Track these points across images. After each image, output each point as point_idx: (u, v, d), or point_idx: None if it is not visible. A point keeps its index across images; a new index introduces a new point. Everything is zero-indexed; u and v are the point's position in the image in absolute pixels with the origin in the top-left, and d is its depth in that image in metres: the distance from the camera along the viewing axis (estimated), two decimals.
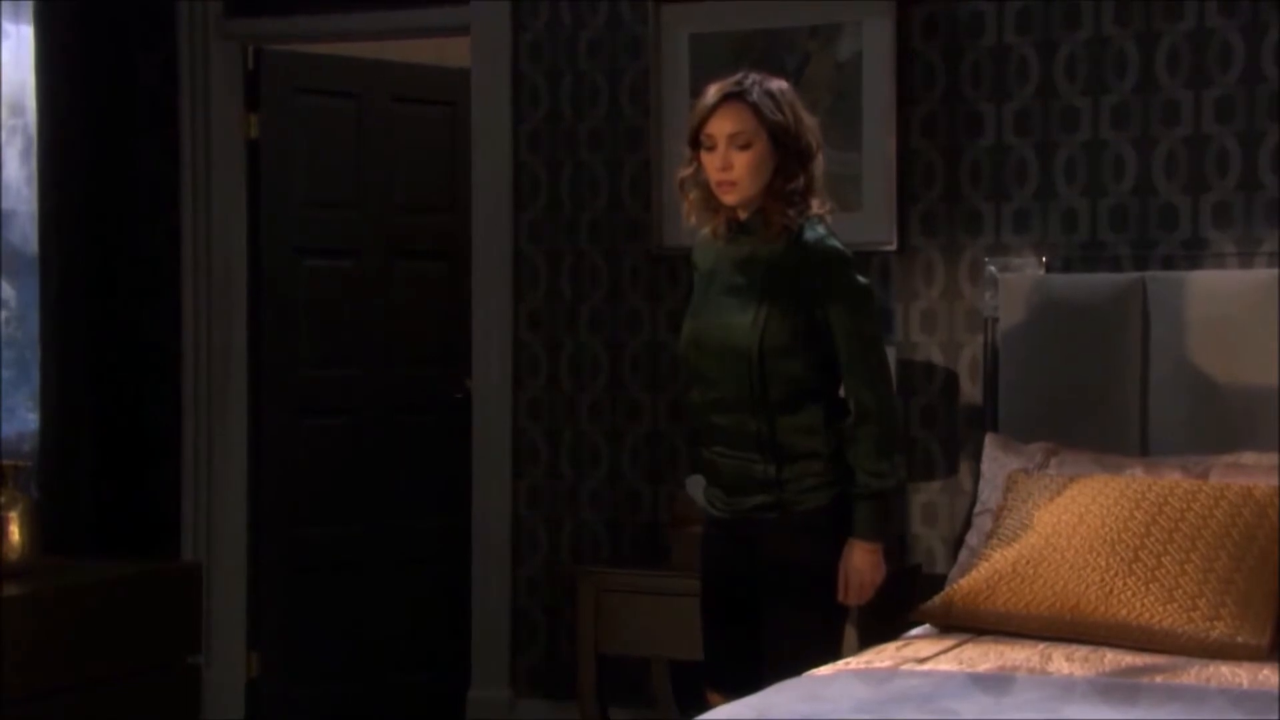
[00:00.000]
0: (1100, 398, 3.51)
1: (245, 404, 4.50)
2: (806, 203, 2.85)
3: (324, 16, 4.41)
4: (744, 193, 2.84)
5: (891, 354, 3.68)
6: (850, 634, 3.46)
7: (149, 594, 3.70)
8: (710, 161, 2.84)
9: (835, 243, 2.86)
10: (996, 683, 2.64)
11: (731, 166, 2.82)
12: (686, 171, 2.91)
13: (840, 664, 2.90)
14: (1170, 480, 3.11)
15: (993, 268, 3.69)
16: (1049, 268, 3.67)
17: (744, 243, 2.89)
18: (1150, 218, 3.63)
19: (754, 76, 2.87)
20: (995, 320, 3.66)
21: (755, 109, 2.81)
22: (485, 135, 4.24)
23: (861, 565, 2.87)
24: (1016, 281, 3.64)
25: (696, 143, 2.87)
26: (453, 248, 4.63)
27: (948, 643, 2.99)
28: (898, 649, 2.98)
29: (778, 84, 2.88)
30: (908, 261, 3.83)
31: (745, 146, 2.81)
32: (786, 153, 2.83)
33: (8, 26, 3.96)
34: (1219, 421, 3.39)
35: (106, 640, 3.53)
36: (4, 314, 3.99)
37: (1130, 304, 3.49)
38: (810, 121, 2.89)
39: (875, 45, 3.80)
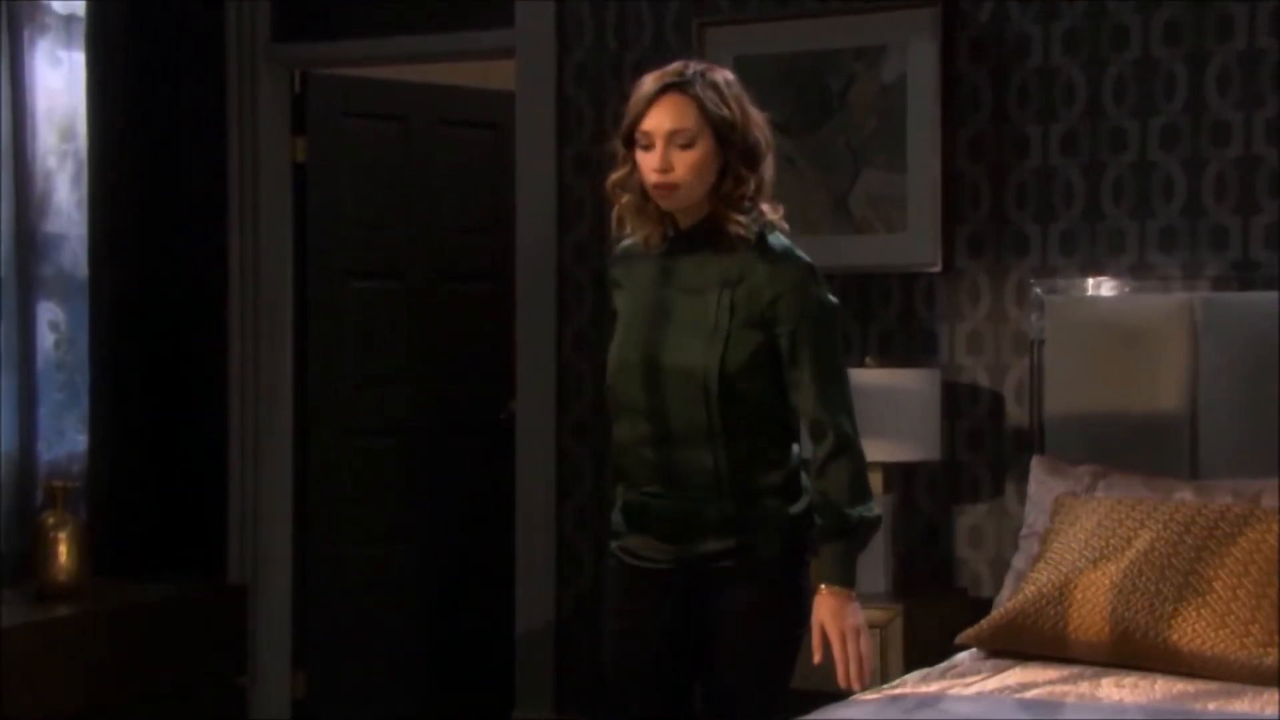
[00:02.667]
0: (1148, 420, 3.48)
1: (291, 425, 4.53)
2: (758, 208, 2.54)
3: (370, 40, 4.44)
4: (686, 197, 2.50)
5: (936, 376, 3.68)
6: (897, 659, 3.45)
7: (196, 614, 3.73)
8: (647, 161, 2.50)
9: (803, 254, 2.56)
10: (1046, 708, 2.61)
11: (672, 167, 2.48)
12: (619, 173, 2.56)
13: (886, 688, 2.88)
14: (1221, 504, 3.08)
15: (1039, 289, 3.67)
16: (1096, 289, 3.65)
17: (689, 254, 2.55)
18: (1200, 239, 3.60)
19: (696, 66, 2.54)
20: (1042, 342, 3.64)
21: (698, 103, 2.48)
22: (530, 157, 4.25)
23: (841, 614, 2.46)
24: (1063, 303, 3.62)
25: (631, 140, 2.53)
26: (497, 269, 4.65)
27: (995, 667, 2.97)
28: (944, 673, 2.96)
29: (723, 74, 2.56)
30: (953, 283, 3.82)
31: (687, 145, 2.48)
32: (734, 152, 2.50)
33: (60, 53, 4.01)
34: (1270, 444, 3.35)
35: (154, 660, 3.56)
36: (54, 337, 4.03)
37: (1179, 325, 3.46)
38: (759, 117, 2.56)
39: (920, 67, 3.79)
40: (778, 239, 2.56)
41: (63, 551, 3.56)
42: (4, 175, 3.86)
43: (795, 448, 2.60)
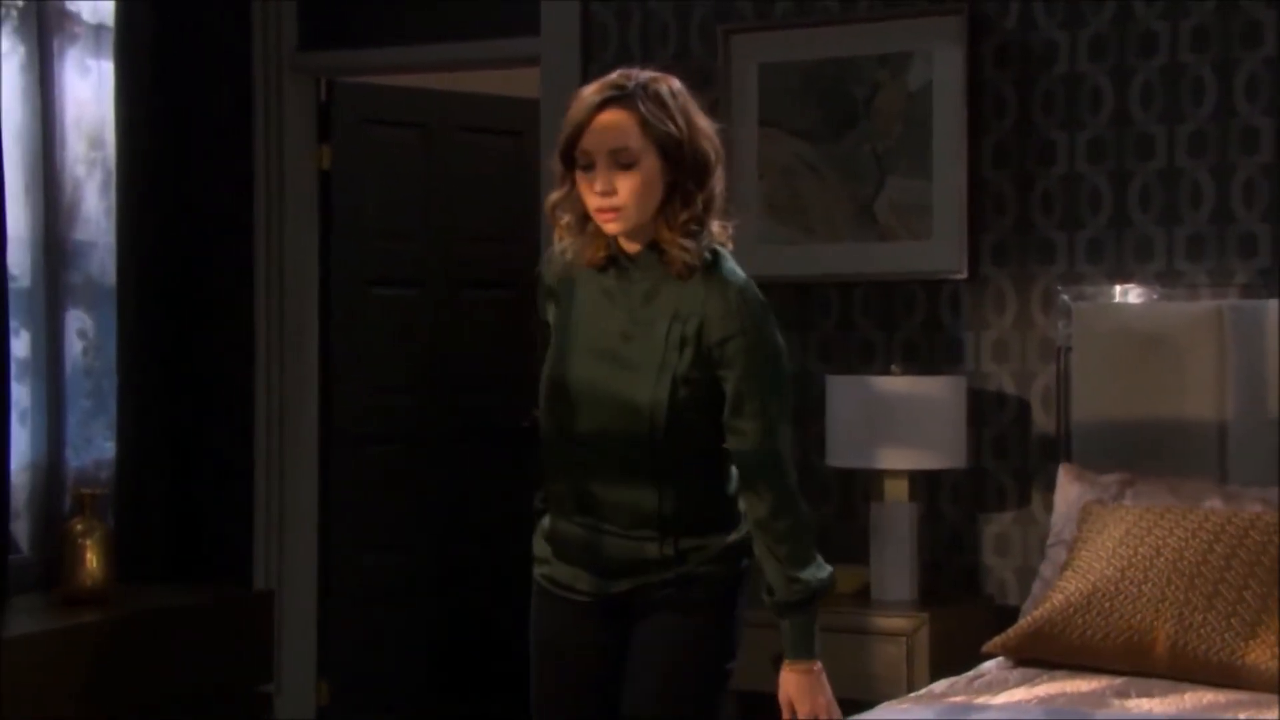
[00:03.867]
0: (1177, 428, 3.46)
1: (315, 432, 4.54)
2: (707, 228, 2.34)
3: (395, 49, 4.46)
4: (630, 221, 2.31)
5: (962, 383, 3.67)
6: (923, 668, 3.43)
7: (222, 622, 3.74)
8: (587, 183, 2.31)
9: (755, 289, 2.36)
10: (1074, 718, 2.60)
11: (614, 190, 2.29)
12: (558, 194, 2.37)
13: (912, 697, 2.87)
14: (1251, 513, 3.06)
15: (1066, 296, 3.65)
16: (1124, 296, 3.63)
17: (636, 279, 2.36)
18: (1228, 246, 3.58)
19: (638, 75, 2.33)
20: (1068, 349, 3.62)
21: (641, 119, 2.29)
22: (553, 165, 4.25)
23: (810, 690, 2.33)
24: (1090, 310, 3.60)
25: (570, 159, 2.33)
26: (520, 276, 4.65)
27: (1022, 676, 2.95)
28: (970, 682, 2.95)
29: (668, 84, 2.35)
30: (979, 290, 3.81)
31: (629, 165, 2.28)
32: (681, 170, 2.30)
33: (89, 62, 4.03)
34: None
35: (180, 667, 3.57)
36: (83, 344, 4.05)
37: (1208, 333, 3.44)
38: (708, 127, 2.35)
39: (946, 74, 3.78)
40: (731, 269, 2.37)
41: (90, 558, 3.58)
42: (33, 183, 3.88)
43: (733, 475, 2.41)
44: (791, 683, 2.34)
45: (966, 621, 3.55)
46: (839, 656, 3.25)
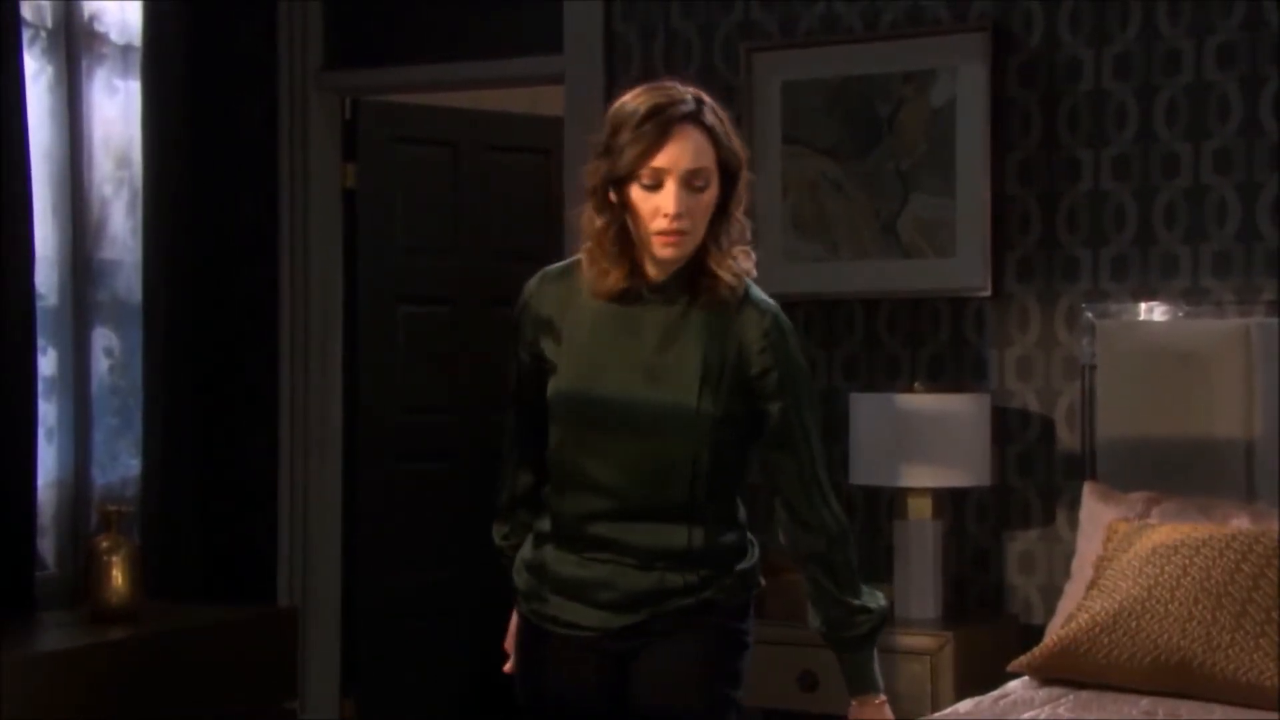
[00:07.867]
0: (1203, 446, 3.44)
1: (341, 449, 4.55)
2: (733, 254, 2.23)
3: (420, 67, 4.48)
4: (690, 246, 2.17)
5: (986, 401, 3.66)
6: (947, 687, 3.42)
7: (247, 638, 3.75)
8: (652, 204, 2.14)
9: (784, 315, 2.28)
10: None
11: (688, 214, 2.14)
12: (602, 220, 2.21)
13: (937, 717, 2.86)
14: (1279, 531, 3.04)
15: (1090, 314, 3.64)
16: (1149, 314, 3.61)
17: (661, 309, 2.21)
18: (1255, 263, 3.56)
19: (685, 89, 2.19)
20: (1093, 367, 3.61)
21: (714, 139, 2.16)
22: (578, 183, 4.26)
23: None
24: (1115, 328, 3.59)
25: (625, 178, 2.16)
26: None
27: (1047, 696, 2.94)
28: (995, 701, 2.93)
29: (710, 98, 2.23)
30: (1003, 308, 3.80)
31: (703, 187, 2.15)
32: (733, 191, 2.20)
33: (117, 82, 4.07)
34: None
35: (206, 683, 3.58)
36: (109, 362, 4.07)
37: (1234, 350, 3.43)
38: (739, 144, 2.25)
39: (970, 91, 3.78)
40: (760, 296, 2.27)
41: (116, 575, 3.59)
42: (61, 203, 3.91)
43: (740, 503, 2.36)
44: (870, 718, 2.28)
45: (991, 640, 3.54)
46: None
